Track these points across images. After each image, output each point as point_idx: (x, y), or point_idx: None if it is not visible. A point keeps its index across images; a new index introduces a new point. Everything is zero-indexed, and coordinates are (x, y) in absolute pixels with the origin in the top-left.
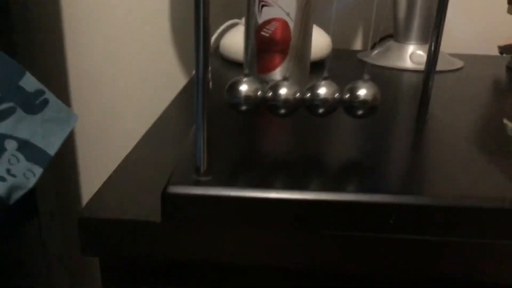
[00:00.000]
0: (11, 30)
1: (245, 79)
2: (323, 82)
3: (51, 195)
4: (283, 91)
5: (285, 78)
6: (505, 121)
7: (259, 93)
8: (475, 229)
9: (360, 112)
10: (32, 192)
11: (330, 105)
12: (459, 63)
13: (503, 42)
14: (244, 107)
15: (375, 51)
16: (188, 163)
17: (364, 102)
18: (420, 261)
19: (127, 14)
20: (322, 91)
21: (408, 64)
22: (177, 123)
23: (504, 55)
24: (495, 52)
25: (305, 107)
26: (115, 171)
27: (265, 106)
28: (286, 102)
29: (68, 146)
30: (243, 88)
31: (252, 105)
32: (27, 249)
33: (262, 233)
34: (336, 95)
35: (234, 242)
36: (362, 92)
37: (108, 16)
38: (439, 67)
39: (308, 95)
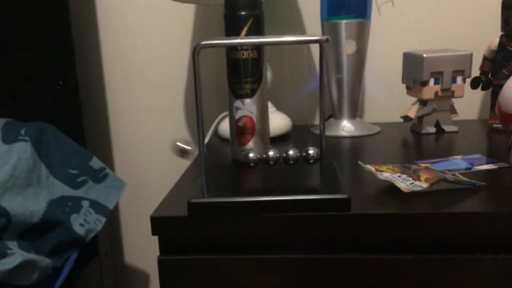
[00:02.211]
0: (83, 132)
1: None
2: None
3: (106, 239)
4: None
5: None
6: (359, 162)
7: (259, 156)
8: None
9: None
10: (94, 237)
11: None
12: (376, 129)
13: (402, 114)
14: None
15: None
16: (198, 190)
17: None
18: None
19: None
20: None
21: (342, 133)
22: (193, 177)
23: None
24: None
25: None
26: (167, 195)
27: (262, 162)
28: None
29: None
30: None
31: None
32: (90, 282)
33: (236, 219)
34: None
35: (224, 227)
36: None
37: (144, 104)
38: (361, 132)
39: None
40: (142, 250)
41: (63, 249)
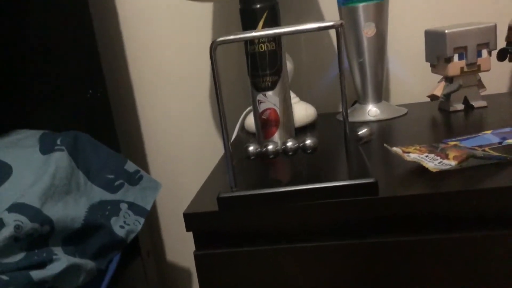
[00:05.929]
0: (116, 137)
1: (251, 144)
2: (290, 140)
3: (147, 239)
4: (270, 147)
5: (273, 141)
6: (385, 145)
7: (258, 149)
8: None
9: (309, 151)
10: (135, 237)
11: (294, 150)
12: (403, 111)
13: (428, 93)
14: (252, 157)
15: None
16: (227, 185)
17: (310, 147)
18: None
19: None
20: (290, 143)
21: (368, 117)
22: (223, 172)
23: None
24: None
25: (282, 152)
26: (199, 191)
27: (263, 155)
28: (273, 152)
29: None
30: (251, 148)
31: (257, 155)
32: (134, 281)
33: (265, 210)
34: (296, 145)
35: (255, 218)
36: (308, 142)
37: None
38: (388, 115)
39: (283, 147)
40: (182, 247)
41: (106, 251)
